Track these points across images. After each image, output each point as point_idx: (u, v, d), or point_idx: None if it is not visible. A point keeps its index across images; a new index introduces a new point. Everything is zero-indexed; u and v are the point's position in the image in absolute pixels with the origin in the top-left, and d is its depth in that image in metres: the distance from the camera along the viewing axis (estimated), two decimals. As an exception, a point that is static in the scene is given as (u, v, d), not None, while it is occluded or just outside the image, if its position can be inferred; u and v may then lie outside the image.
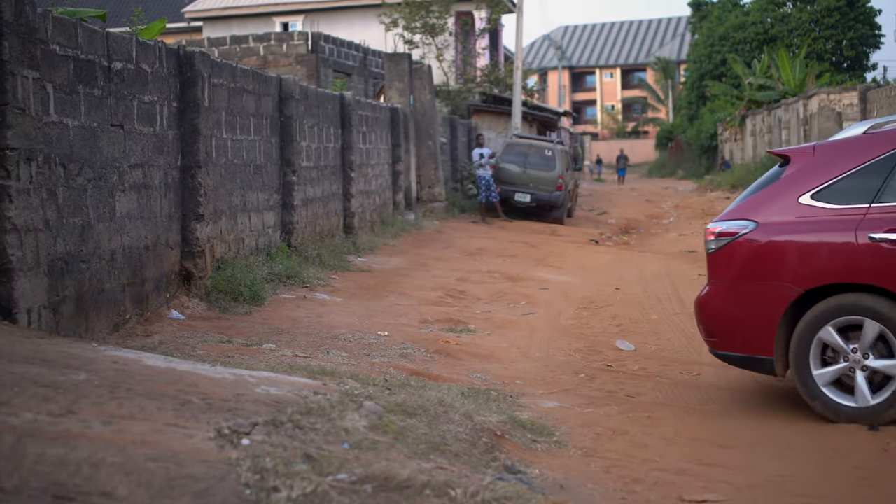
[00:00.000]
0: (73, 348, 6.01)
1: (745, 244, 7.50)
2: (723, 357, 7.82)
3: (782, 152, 7.89)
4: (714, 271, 7.76)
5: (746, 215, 7.57)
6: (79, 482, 3.53)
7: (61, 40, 8.38)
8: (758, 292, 7.45)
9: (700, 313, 7.91)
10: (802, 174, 7.49)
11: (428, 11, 36.55)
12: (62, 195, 8.30)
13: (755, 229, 7.46)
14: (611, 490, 5.66)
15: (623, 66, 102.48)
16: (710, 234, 7.73)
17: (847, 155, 7.42)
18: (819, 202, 7.33)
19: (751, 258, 7.49)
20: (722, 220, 7.74)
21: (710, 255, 7.75)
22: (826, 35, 53.80)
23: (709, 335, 7.84)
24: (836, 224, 7.22)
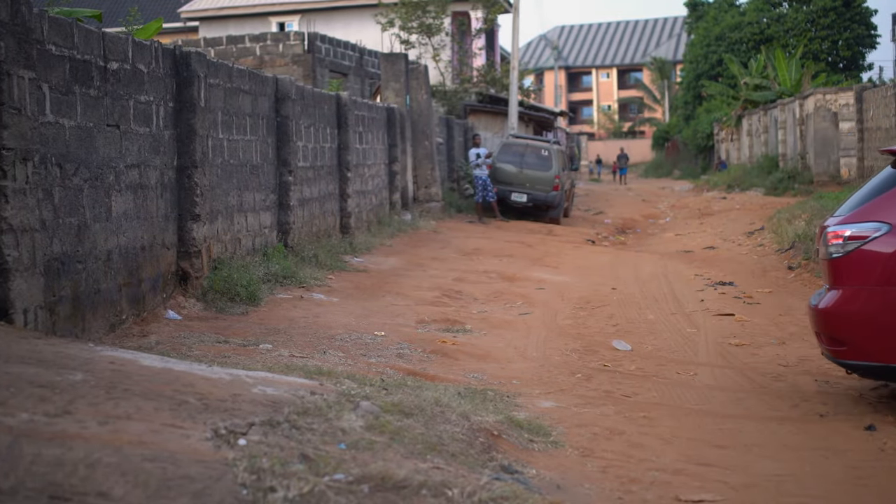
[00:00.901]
0: (69, 348, 6.00)
1: (879, 248, 7.17)
2: (853, 367, 7.46)
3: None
4: (841, 277, 7.36)
5: (877, 217, 7.24)
6: (75, 482, 3.53)
7: (57, 40, 8.38)
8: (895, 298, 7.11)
9: (825, 321, 7.48)
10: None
11: (424, 11, 36.55)
12: (58, 195, 8.29)
13: (889, 232, 7.15)
14: (607, 490, 5.66)
15: (619, 66, 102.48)
16: (836, 238, 7.37)
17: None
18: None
19: (887, 262, 7.13)
20: (846, 224, 7.38)
21: (836, 261, 7.37)
22: (822, 35, 53.83)
23: (836, 344, 7.41)
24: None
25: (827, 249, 7.43)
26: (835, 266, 7.40)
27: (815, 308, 7.57)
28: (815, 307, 7.57)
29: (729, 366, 9.52)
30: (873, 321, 7.17)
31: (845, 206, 7.80)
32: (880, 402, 7.85)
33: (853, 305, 7.27)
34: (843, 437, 6.96)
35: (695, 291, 14.83)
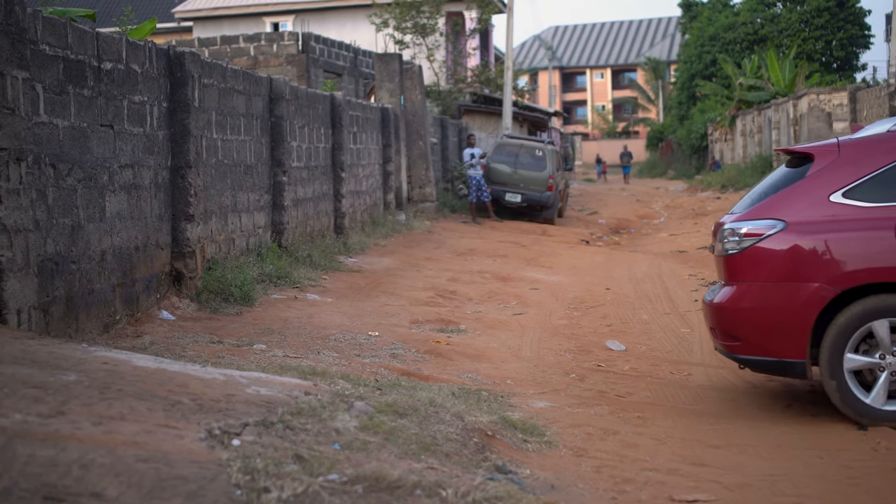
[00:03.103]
0: (63, 349, 6.00)
1: (774, 245, 7.27)
2: (746, 361, 7.55)
3: (804, 150, 7.72)
4: (737, 273, 7.46)
5: (772, 215, 7.35)
6: (69, 483, 3.53)
7: (51, 40, 8.37)
8: (790, 294, 7.20)
9: (720, 317, 7.58)
10: (830, 172, 7.34)
11: (418, 12, 36.54)
12: (52, 196, 8.28)
13: (785, 229, 7.25)
14: (601, 490, 5.66)
15: (613, 67, 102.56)
16: (733, 235, 7.47)
17: (875, 152, 7.33)
18: (852, 200, 7.21)
19: (782, 259, 7.24)
20: (743, 220, 7.48)
21: (732, 257, 7.47)
22: (816, 35, 53.87)
23: (730, 339, 7.52)
24: (874, 222, 7.11)
25: (723, 246, 7.53)
26: (730, 262, 7.50)
27: (711, 303, 7.67)
28: (710, 302, 7.67)
29: (723, 366, 9.53)
30: (767, 317, 7.29)
31: (741, 203, 7.91)
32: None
33: (748, 301, 7.39)
34: (837, 436, 6.97)
35: (689, 291, 14.84)
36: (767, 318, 7.29)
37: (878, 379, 7.09)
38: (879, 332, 7.06)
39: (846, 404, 7.13)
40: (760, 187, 7.89)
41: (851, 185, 7.25)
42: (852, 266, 7.10)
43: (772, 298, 7.27)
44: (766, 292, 7.31)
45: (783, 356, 7.27)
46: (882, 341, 7.07)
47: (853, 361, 7.10)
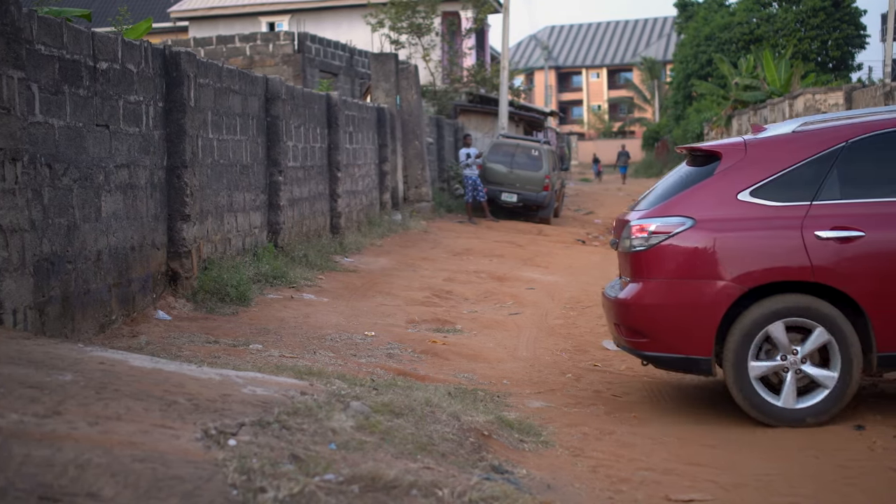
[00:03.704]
0: (59, 349, 5.99)
1: (682, 242, 7.30)
2: (652, 358, 7.59)
3: (711, 148, 7.75)
4: (644, 270, 7.46)
5: (681, 212, 7.36)
6: (65, 483, 3.53)
7: (46, 40, 8.36)
8: (697, 291, 7.24)
9: (627, 313, 7.57)
10: (737, 171, 7.39)
11: (414, 11, 36.53)
12: (48, 195, 8.28)
13: (693, 226, 7.28)
14: (597, 489, 5.67)
15: (609, 67, 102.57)
16: (640, 232, 7.46)
17: (781, 152, 7.41)
18: (759, 199, 7.27)
19: (690, 256, 7.28)
20: (651, 217, 7.48)
21: (639, 254, 7.46)
22: (811, 35, 53.88)
23: (637, 336, 7.52)
24: (780, 221, 7.19)
25: (630, 242, 7.52)
26: (638, 259, 7.49)
27: (617, 300, 7.65)
28: (616, 299, 7.66)
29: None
30: (674, 314, 7.32)
31: (645, 200, 7.91)
32: (869, 401, 7.87)
33: (655, 298, 7.39)
34: (833, 436, 6.98)
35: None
36: (674, 314, 7.32)
37: (785, 380, 7.17)
38: (776, 334, 7.14)
39: (751, 405, 7.19)
40: (666, 185, 7.90)
41: (758, 185, 7.31)
42: (759, 264, 7.16)
43: (679, 295, 7.30)
44: (673, 289, 7.33)
45: (689, 353, 7.30)
46: (780, 343, 7.14)
47: (758, 368, 7.18)
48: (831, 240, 7.08)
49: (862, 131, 7.42)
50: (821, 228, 7.10)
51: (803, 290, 7.16)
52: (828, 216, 7.14)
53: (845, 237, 7.08)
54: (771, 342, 7.21)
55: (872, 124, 7.50)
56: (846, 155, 7.32)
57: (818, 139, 7.41)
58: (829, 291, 7.14)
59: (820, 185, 7.24)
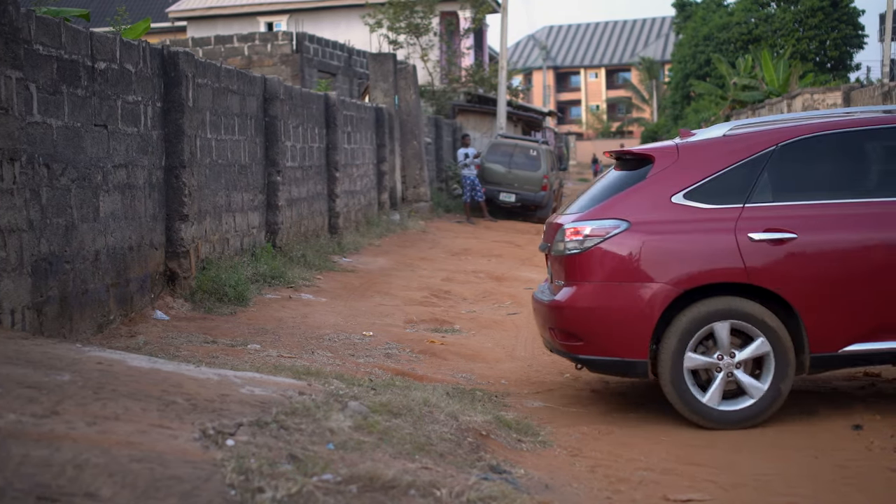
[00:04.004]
0: (56, 349, 5.99)
1: (617, 244, 7.26)
2: (587, 361, 7.52)
3: (644, 152, 7.74)
4: (579, 273, 7.40)
5: (616, 215, 7.34)
6: (63, 483, 3.53)
7: (45, 40, 8.36)
8: (633, 294, 7.21)
9: (562, 316, 7.50)
10: (670, 174, 7.40)
11: (412, 11, 36.52)
12: (46, 195, 8.27)
13: (628, 229, 7.25)
14: (596, 489, 5.67)
15: (608, 67, 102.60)
16: (575, 234, 7.42)
17: (714, 156, 7.43)
18: (693, 202, 7.27)
19: (625, 259, 7.24)
20: (585, 220, 7.45)
21: (574, 256, 7.41)
22: (810, 35, 53.89)
23: (572, 339, 7.45)
24: (714, 224, 7.20)
25: (564, 245, 7.47)
26: (573, 262, 7.44)
27: (551, 303, 7.58)
28: (551, 302, 7.58)
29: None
30: (610, 317, 7.27)
31: (576, 204, 7.91)
32: (867, 400, 7.87)
33: (590, 301, 7.34)
34: (831, 436, 6.97)
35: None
36: (610, 317, 7.28)
37: (715, 379, 7.15)
38: (720, 333, 7.12)
39: (683, 403, 7.16)
40: (597, 189, 7.90)
41: (692, 187, 7.32)
42: (694, 267, 7.15)
43: (615, 298, 7.26)
44: (608, 292, 7.29)
45: (625, 356, 7.27)
46: (722, 343, 7.13)
47: (693, 360, 7.14)
48: (764, 242, 7.11)
49: (791, 135, 7.49)
50: (754, 230, 7.13)
51: (739, 291, 7.17)
52: (760, 218, 7.18)
53: (778, 239, 7.12)
54: (710, 342, 7.20)
55: (802, 128, 7.58)
56: (777, 158, 7.38)
57: (749, 143, 7.46)
58: (763, 293, 7.16)
59: (752, 188, 7.28)
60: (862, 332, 7.19)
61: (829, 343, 7.20)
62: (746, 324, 7.11)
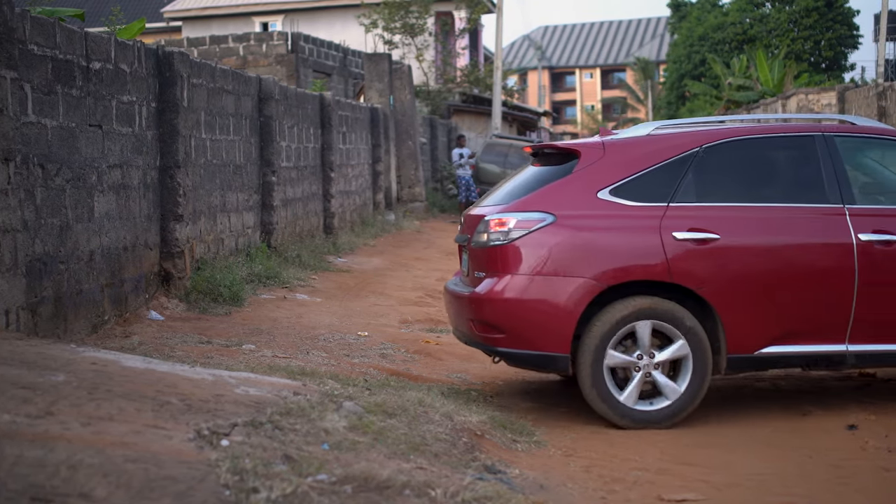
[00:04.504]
0: (51, 349, 5.99)
1: (543, 237, 7.19)
2: (507, 354, 7.42)
3: (569, 147, 7.71)
4: (502, 264, 7.30)
5: (542, 208, 7.28)
6: (57, 484, 3.52)
7: (39, 40, 8.35)
8: (557, 288, 7.14)
9: (483, 308, 7.38)
10: (596, 170, 7.38)
11: (407, 12, 36.56)
12: (40, 196, 8.26)
13: (553, 223, 7.20)
14: (590, 489, 5.67)
15: (603, 67, 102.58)
16: (499, 226, 7.34)
17: (639, 154, 7.45)
18: (619, 198, 7.27)
19: (550, 252, 7.17)
20: (511, 212, 7.38)
21: (498, 248, 7.31)
22: (804, 35, 53.96)
23: (492, 332, 7.35)
24: (639, 221, 7.20)
25: (488, 237, 7.38)
26: (496, 253, 7.35)
27: (472, 295, 7.46)
28: (473, 294, 7.46)
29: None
30: (533, 310, 7.20)
31: (495, 197, 7.89)
32: (862, 401, 7.88)
33: (514, 293, 7.23)
34: (826, 435, 6.98)
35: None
36: (533, 311, 7.20)
37: (633, 378, 7.14)
38: (642, 333, 7.11)
39: (601, 399, 7.12)
40: (518, 183, 7.88)
41: (618, 184, 7.31)
42: (618, 263, 7.13)
43: (538, 291, 7.19)
44: (532, 285, 7.21)
45: (547, 350, 7.19)
46: (642, 343, 7.12)
47: (613, 358, 7.12)
48: (687, 241, 7.13)
49: (715, 138, 7.54)
50: (678, 230, 7.14)
51: (661, 290, 7.18)
52: (684, 218, 7.20)
53: (701, 239, 7.14)
54: (629, 340, 7.19)
55: (726, 131, 7.65)
56: (701, 159, 7.43)
57: (674, 143, 7.50)
58: (685, 292, 7.18)
59: (676, 188, 7.31)
60: (777, 336, 7.27)
61: (746, 345, 7.25)
62: (668, 325, 7.11)
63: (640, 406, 7.17)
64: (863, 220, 7.39)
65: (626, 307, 7.10)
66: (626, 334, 7.16)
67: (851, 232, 7.33)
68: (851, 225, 7.35)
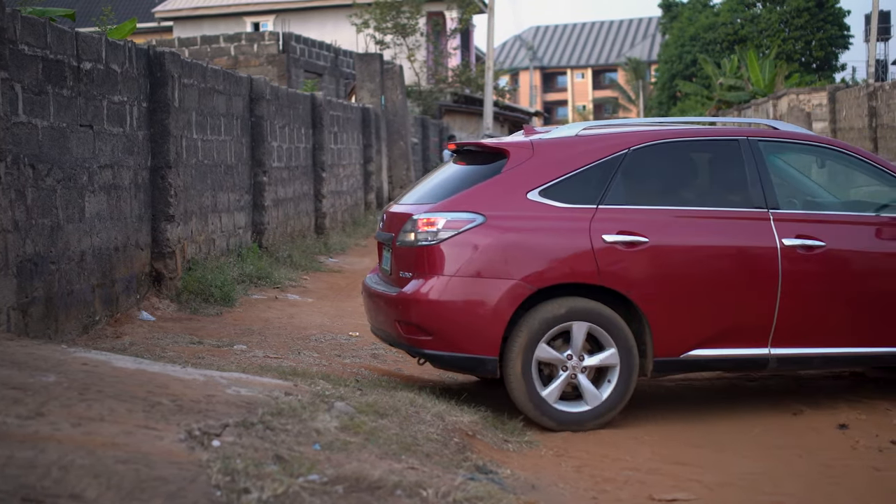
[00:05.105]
0: (42, 350, 5.98)
1: (473, 238, 7.06)
2: (434, 357, 7.29)
3: (498, 146, 7.60)
4: (430, 265, 7.15)
5: (471, 208, 7.15)
6: (48, 485, 3.52)
7: (30, 40, 8.34)
8: (487, 289, 7.03)
9: (409, 310, 7.21)
10: (525, 170, 7.29)
11: (399, 12, 36.57)
12: (31, 196, 8.25)
13: (483, 224, 7.08)
14: (581, 489, 5.68)
15: (594, 67, 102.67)
16: (428, 226, 7.18)
17: (568, 155, 7.38)
18: (548, 199, 7.18)
19: (480, 253, 7.05)
20: (439, 212, 7.22)
21: (426, 248, 7.15)
22: (795, 35, 54.08)
23: (420, 333, 7.20)
24: (569, 223, 7.12)
25: (415, 236, 7.22)
26: (424, 254, 7.19)
27: (399, 296, 7.32)
28: (399, 295, 7.32)
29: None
30: (463, 312, 7.08)
31: (417, 195, 7.81)
32: (852, 400, 7.90)
33: (443, 295, 7.10)
34: (817, 435, 7.00)
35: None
36: (462, 313, 7.08)
37: (558, 377, 7.06)
38: (577, 334, 7.05)
39: (525, 392, 7.01)
40: (444, 180, 7.78)
41: (547, 185, 7.23)
42: (548, 265, 7.05)
43: (468, 293, 7.07)
44: (462, 286, 7.08)
45: (475, 352, 7.08)
46: (576, 344, 7.05)
47: (545, 351, 7.03)
48: (617, 244, 7.07)
49: (643, 140, 7.50)
50: (607, 232, 7.08)
51: (591, 293, 7.13)
52: (613, 220, 7.15)
53: (630, 242, 7.09)
54: (562, 340, 7.11)
55: (653, 134, 7.61)
56: (629, 161, 7.38)
57: (603, 144, 7.44)
58: (614, 295, 7.14)
59: (605, 190, 7.25)
60: (703, 339, 7.26)
61: (673, 348, 7.24)
62: (603, 331, 7.05)
63: (561, 406, 7.07)
64: (787, 225, 7.41)
65: (560, 306, 7.02)
66: (558, 334, 7.07)
67: (776, 237, 7.34)
68: (776, 230, 7.36)
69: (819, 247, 7.39)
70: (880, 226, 7.68)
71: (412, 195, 7.95)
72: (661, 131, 7.71)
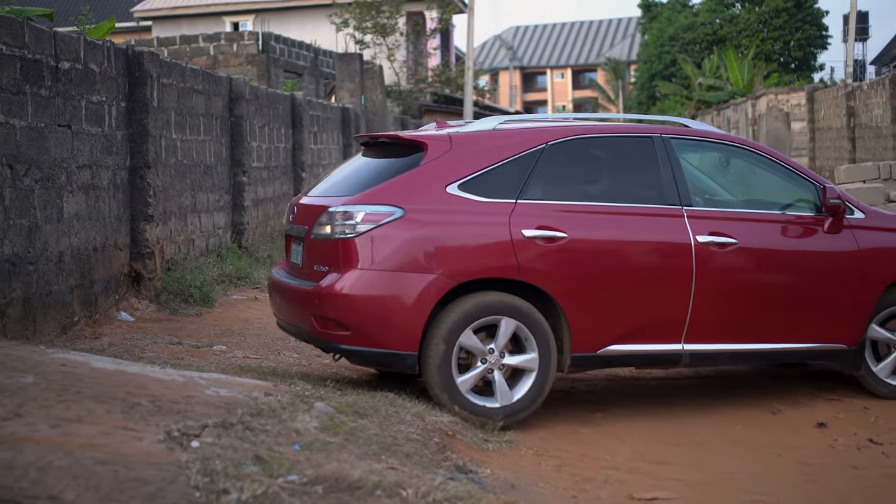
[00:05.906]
0: (19, 351, 5.95)
1: (392, 232, 6.97)
2: (351, 352, 7.15)
3: (415, 139, 7.52)
4: (347, 259, 7.03)
5: (390, 201, 7.05)
6: (25, 486, 3.50)
7: (7, 40, 8.30)
8: (406, 284, 6.93)
9: (326, 304, 7.06)
10: (444, 163, 7.23)
11: (378, 11, 36.54)
12: (9, 196, 8.21)
13: (402, 217, 6.99)
14: (561, 488, 5.68)
15: (574, 67, 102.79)
16: (345, 218, 7.06)
17: (486, 149, 7.35)
18: (468, 193, 7.14)
19: (399, 247, 6.95)
20: (357, 204, 7.10)
21: (343, 241, 7.03)
22: (774, 36, 54.31)
23: (336, 328, 7.06)
24: (488, 217, 7.09)
25: (332, 229, 7.12)
26: (341, 247, 7.08)
27: (315, 290, 7.18)
28: (315, 289, 7.18)
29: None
30: (382, 306, 6.99)
31: (333, 186, 7.76)
32: (830, 399, 7.94)
33: (361, 289, 6.99)
34: (795, 434, 7.03)
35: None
36: (381, 307, 6.99)
37: (475, 368, 7.02)
38: (504, 330, 7.02)
39: (440, 378, 6.93)
40: (358, 172, 7.72)
41: (466, 179, 7.18)
42: (468, 260, 7.01)
43: (387, 287, 6.98)
44: (380, 281, 6.98)
45: (395, 348, 6.98)
46: (499, 339, 7.02)
47: (468, 338, 6.98)
48: (536, 239, 7.06)
49: (559, 135, 7.50)
50: (527, 227, 7.06)
51: (510, 288, 7.09)
52: (532, 215, 7.13)
53: (549, 237, 7.08)
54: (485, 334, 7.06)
55: (570, 129, 7.62)
56: (547, 156, 7.38)
57: (520, 139, 7.42)
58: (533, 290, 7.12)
59: (524, 184, 7.23)
60: (619, 335, 7.28)
61: (590, 344, 7.24)
62: (529, 332, 7.03)
63: (473, 398, 7.00)
64: (700, 222, 7.45)
65: (480, 300, 6.96)
66: (480, 327, 7.02)
67: (690, 234, 7.38)
68: (689, 227, 7.41)
69: (731, 244, 7.46)
70: (788, 223, 7.77)
71: (322, 187, 7.87)
72: (577, 126, 7.69)
